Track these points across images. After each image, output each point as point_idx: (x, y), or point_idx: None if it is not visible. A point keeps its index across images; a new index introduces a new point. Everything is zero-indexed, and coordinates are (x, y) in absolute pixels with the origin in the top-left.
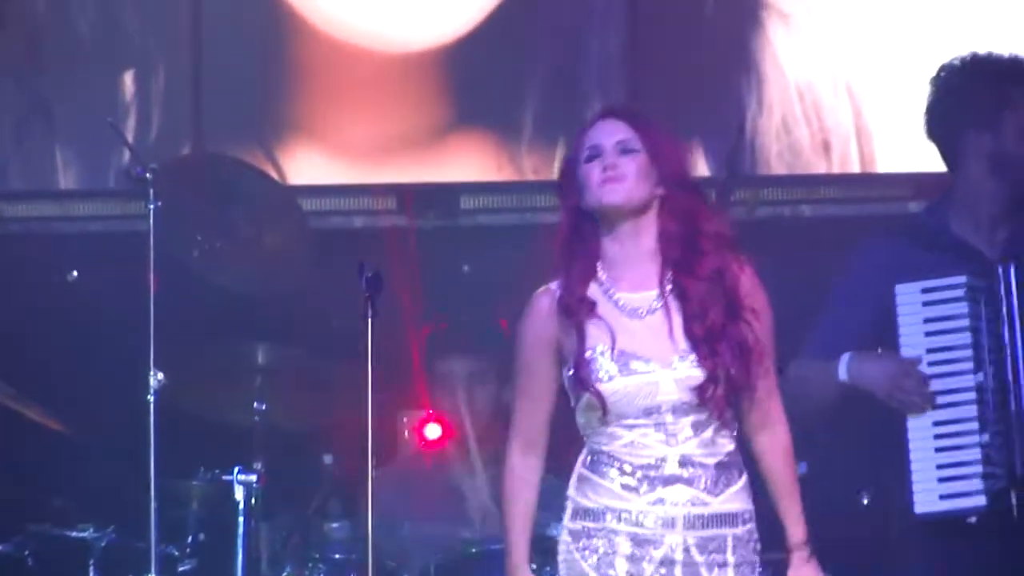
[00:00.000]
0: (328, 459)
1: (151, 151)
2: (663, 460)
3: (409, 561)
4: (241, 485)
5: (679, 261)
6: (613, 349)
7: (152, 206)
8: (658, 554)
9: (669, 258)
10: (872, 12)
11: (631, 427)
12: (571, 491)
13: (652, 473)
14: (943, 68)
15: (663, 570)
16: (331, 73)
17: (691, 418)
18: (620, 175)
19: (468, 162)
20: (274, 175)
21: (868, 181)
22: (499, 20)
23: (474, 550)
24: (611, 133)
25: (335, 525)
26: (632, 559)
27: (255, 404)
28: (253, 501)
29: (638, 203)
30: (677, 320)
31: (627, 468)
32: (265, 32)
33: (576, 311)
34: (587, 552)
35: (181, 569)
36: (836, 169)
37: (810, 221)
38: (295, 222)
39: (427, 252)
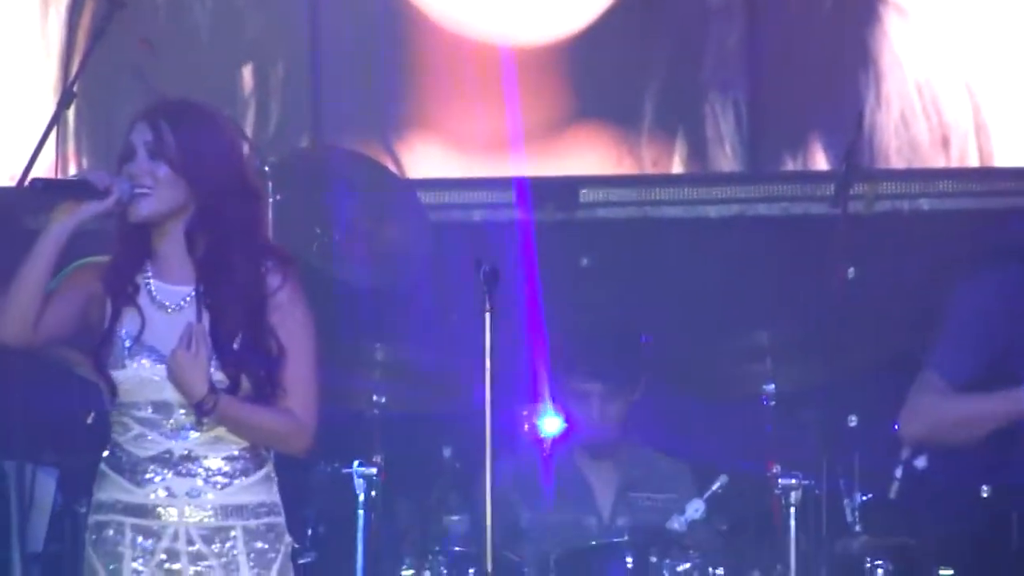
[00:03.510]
0: (448, 452)
1: (269, 144)
2: (168, 453)
3: (528, 553)
4: (361, 478)
5: (207, 266)
6: (137, 339)
7: (271, 200)
8: (162, 545)
9: (197, 261)
10: (989, 8)
11: (140, 420)
12: (95, 486)
13: (156, 467)
14: None
15: (169, 563)
16: (450, 67)
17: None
18: (142, 188)
19: (587, 155)
20: (393, 168)
21: (986, 175)
22: (618, 14)
23: (594, 542)
24: (141, 135)
25: (455, 518)
26: (138, 551)
27: (374, 397)
28: (373, 494)
29: (162, 215)
30: (205, 321)
31: (133, 460)
32: (384, 26)
33: (118, 294)
34: (98, 545)
35: (301, 562)
36: (954, 165)
37: (928, 215)
38: (414, 215)
39: (546, 245)
